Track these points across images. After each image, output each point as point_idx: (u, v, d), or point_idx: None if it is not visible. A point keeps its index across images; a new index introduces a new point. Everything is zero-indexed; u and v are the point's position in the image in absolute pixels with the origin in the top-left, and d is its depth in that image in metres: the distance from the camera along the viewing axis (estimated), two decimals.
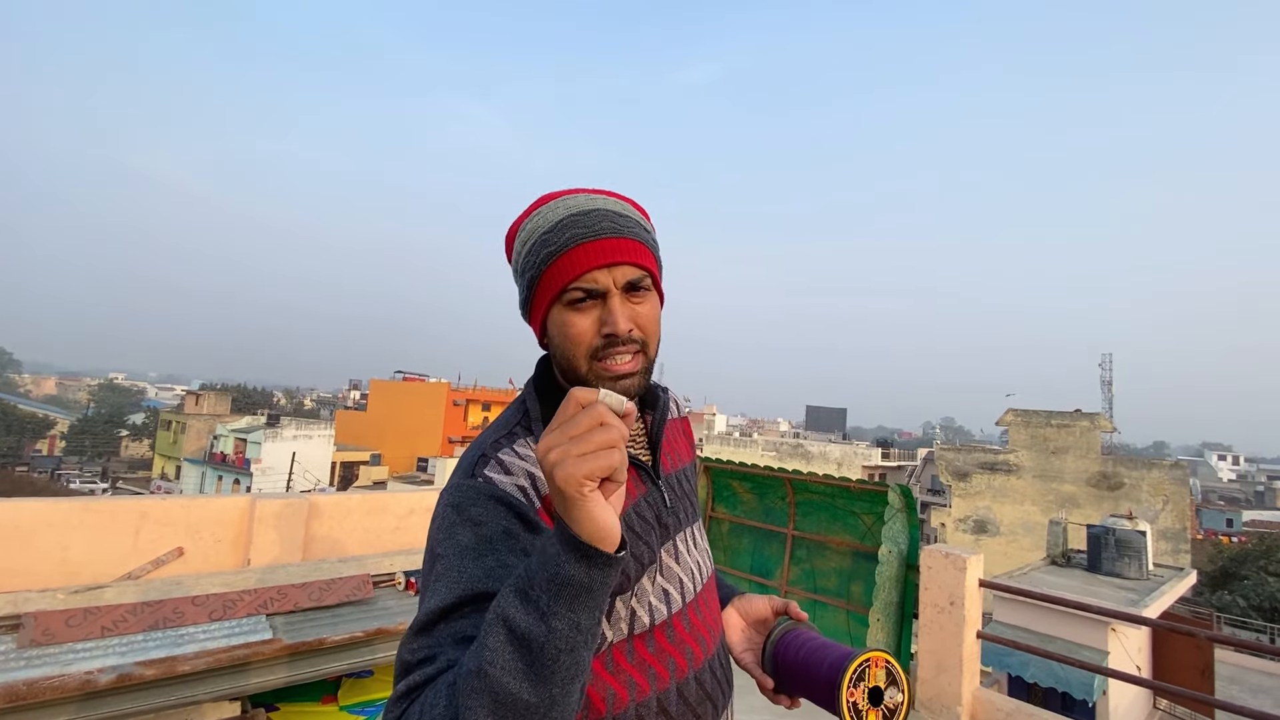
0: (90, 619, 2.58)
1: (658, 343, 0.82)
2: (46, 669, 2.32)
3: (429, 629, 0.65)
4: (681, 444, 0.96)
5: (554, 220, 0.79)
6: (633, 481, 0.81)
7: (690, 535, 0.89)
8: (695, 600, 0.85)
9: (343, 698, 3.05)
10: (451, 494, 0.73)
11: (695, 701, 0.80)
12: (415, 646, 0.64)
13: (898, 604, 3.71)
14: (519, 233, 0.82)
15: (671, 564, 0.83)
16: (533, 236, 0.79)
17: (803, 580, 4.41)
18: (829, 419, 59.34)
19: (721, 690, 0.86)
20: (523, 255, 0.81)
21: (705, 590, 0.87)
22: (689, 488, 0.93)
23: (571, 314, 0.78)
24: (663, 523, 0.83)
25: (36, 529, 3.17)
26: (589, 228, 0.77)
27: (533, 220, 0.80)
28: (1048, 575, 11.12)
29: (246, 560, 3.63)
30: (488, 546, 0.68)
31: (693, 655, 0.81)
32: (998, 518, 20.37)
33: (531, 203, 0.83)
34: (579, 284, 0.77)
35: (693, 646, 0.82)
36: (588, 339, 0.77)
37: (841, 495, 4.32)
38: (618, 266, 0.77)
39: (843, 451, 30.16)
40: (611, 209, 0.80)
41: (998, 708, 3.28)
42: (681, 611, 0.82)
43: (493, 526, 0.69)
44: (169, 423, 40.47)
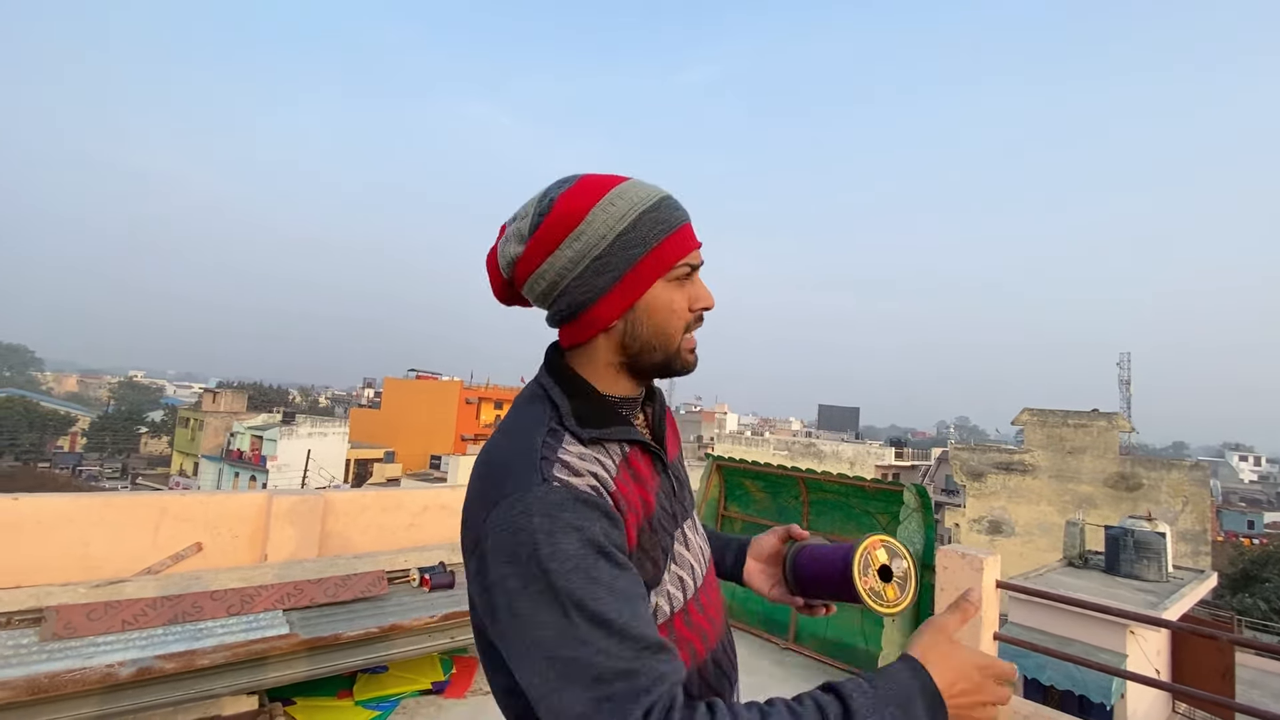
0: (111, 613, 2.62)
1: None
2: (68, 662, 2.35)
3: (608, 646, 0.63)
4: (675, 435, 0.97)
5: (653, 199, 0.79)
6: (650, 470, 0.83)
7: (693, 523, 0.92)
8: (704, 584, 0.87)
9: (358, 693, 3.07)
10: (533, 503, 0.67)
11: (714, 680, 0.82)
12: (612, 663, 0.62)
13: (914, 605, 3.67)
14: (599, 208, 0.77)
15: (684, 551, 0.85)
16: (633, 211, 0.77)
17: None
18: (841, 418, 58.95)
19: (733, 666, 0.88)
20: (621, 230, 0.77)
21: (709, 574, 0.90)
22: (685, 477, 0.95)
23: (674, 290, 0.80)
24: (672, 511, 0.84)
25: (58, 524, 3.22)
26: (682, 209, 0.82)
27: (621, 198, 0.78)
28: (1065, 577, 10.98)
29: (264, 556, 3.67)
30: (596, 552, 0.67)
31: (707, 637, 0.83)
32: (1013, 518, 20.14)
33: (579, 182, 0.79)
34: (689, 260, 0.80)
35: (707, 629, 0.84)
36: (686, 315, 0.82)
37: (856, 495, 4.29)
38: (698, 250, 0.82)
39: (855, 451, 29.95)
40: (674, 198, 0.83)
41: (1015, 710, 3.23)
42: (695, 597, 0.83)
43: (591, 529, 0.67)
44: (187, 420, 41.06)
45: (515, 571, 0.65)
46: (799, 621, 4.32)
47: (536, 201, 0.80)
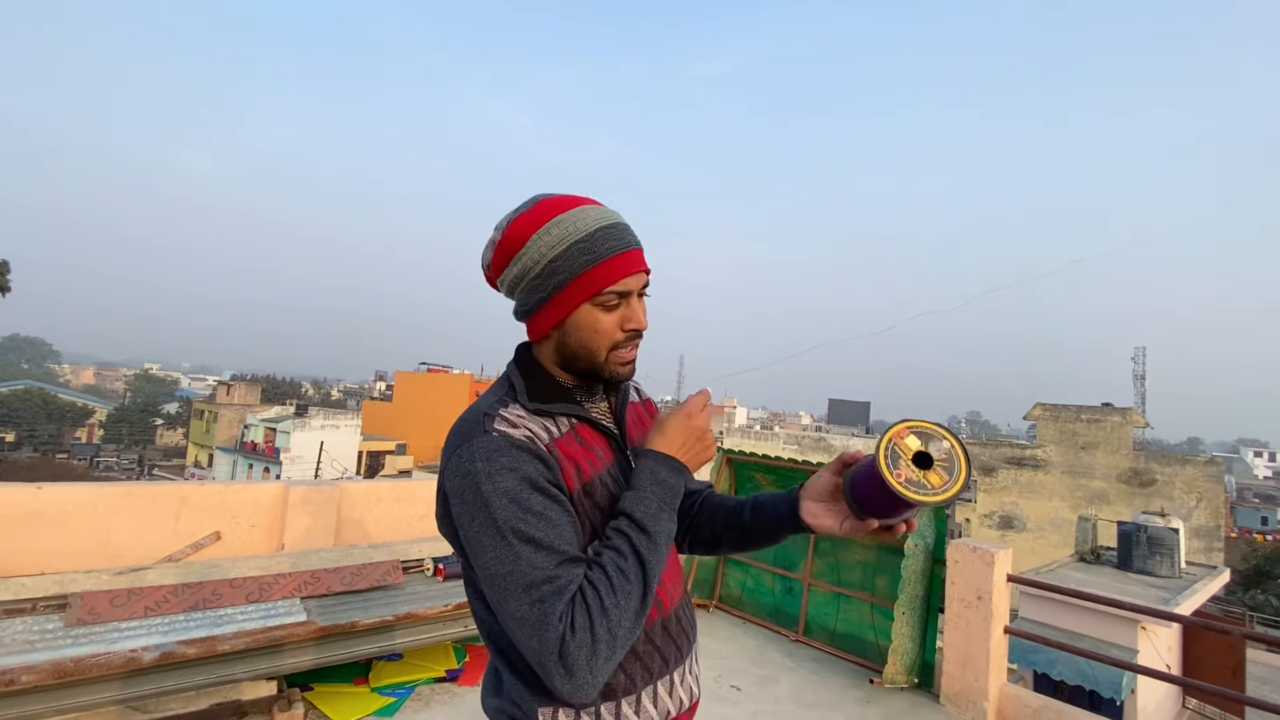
0: (134, 599, 2.67)
1: None
2: (93, 647, 2.41)
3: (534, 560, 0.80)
4: (647, 423, 1.10)
5: (588, 229, 0.90)
6: (605, 448, 0.97)
7: None
8: None
9: (374, 679, 3.12)
10: (476, 449, 0.83)
11: (675, 635, 0.99)
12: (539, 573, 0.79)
13: (923, 598, 3.67)
14: (537, 235, 0.90)
15: None
16: (564, 242, 0.89)
17: (826, 573, 4.39)
18: (852, 413, 58.67)
19: (687, 633, 1.03)
20: (551, 258, 0.89)
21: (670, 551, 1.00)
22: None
23: (601, 313, 0.91)
24: (615, 490, 0.96)
25: (80, 513, 3.29)
26: (619, 240, 0.91)
27: (559, 226, 0.89)
28: (1076, 572, 10.91)
29: (281, 545, 3.72)
30: (530, 487, 0.83)
31: (671, 595, 1.00)
32: (1024, 513, 20.02)
33: (534, 207, 0.92)
34: (614, 289, 0.90)
35: (668, 590, 1.00)
36: (613, 334, 0.93)
37: None
38: (640, 274, 0.93)
39: (866, 445, 29.84)
40: (626, 223, 0.94)
41: (1025, 704, 3.24)
42: None
43: (526, 469, 0.83)
44: (201, 412, 41.54)
45: (466, 509, 0.82)
46: (808, 614, 4.34)
47: (506, 217, 0.94)
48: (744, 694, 3.41)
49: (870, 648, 3.94)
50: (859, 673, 3.79)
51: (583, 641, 0.76)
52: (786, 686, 3.55)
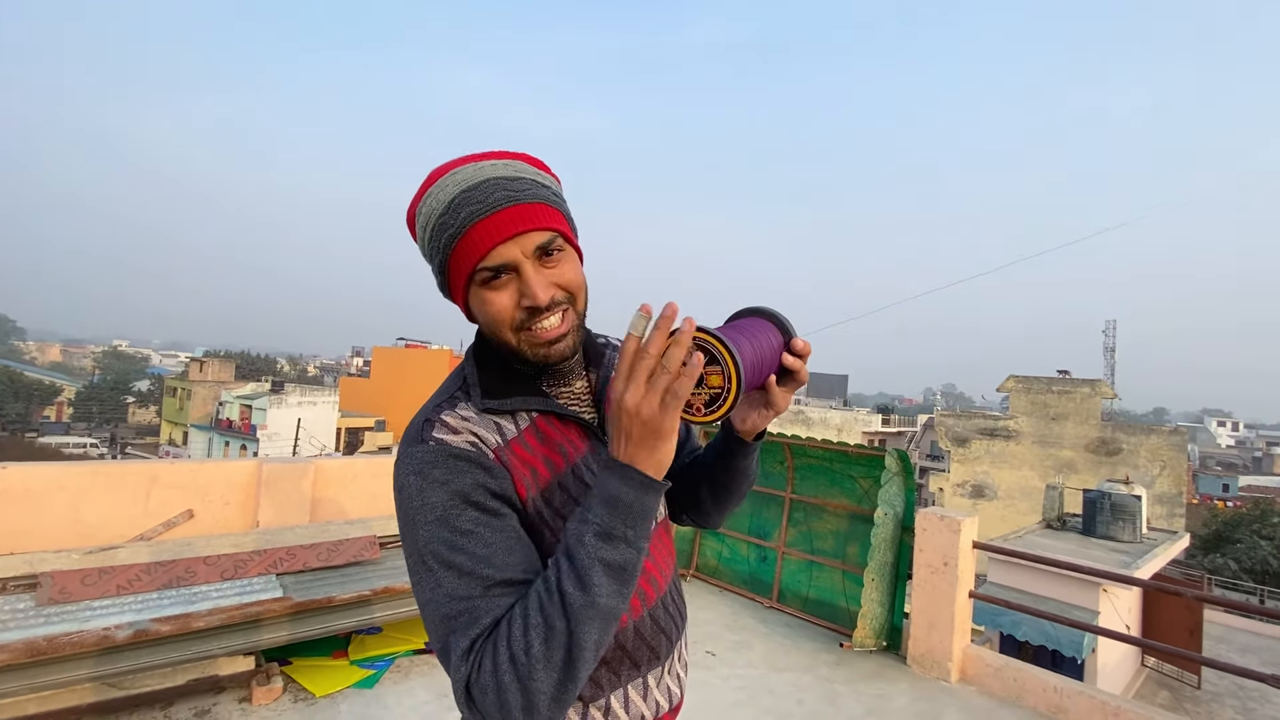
0: (105, 578, 2.66)
1: (586, 296, 0.83)
2: (65, 625, 2.40)
3: (455, 590, 0.70)
4: None
5: (445, 201, 0.75)
6: (578, 438, 0.85)
7: None
8: (652, 543, 0.89)
9: (353, 652, 3.15)
10: (410, 461, 0.74)
11: (664, 624, 0.89)
12: (455, 606, 0.70)
13: (893, 565, 3.79)
14: (416, 217, 0.79)
15: None
16: (430, 221, 0.77)
17: (800, 542, 4.50)
18: (829, 385, 59.46)
19: (675, 619, 0.92)
20: (426, 243, 0.79)
21: (658, 534, 0.92)
22: None
23: (488, 292, 0.77)
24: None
25: (49, 492, 3.24)
26: (482, 203, 0.74)
27: (426, 203, 0.77)
28: (1042, 538, 11.30)
29: (255, 522, 3.71)
30: (461, 503, 0.72)
31: (656, 588, 0.89)
32: (996, 482, 20.60)
33: (423, 181, 0.79)
34: (485, 264, 0.75)
35: (654, 581, 0.88)
36: (509, 314, 0.77)
37: (839, 460, 4.37)
38: (524, 235, 0.75)
39: (843, 418, 30.30)
40: (502, 175, 0.76)
41: (987, 663, 3.38)
42: None
43: (459, 482, 0.73)
44: (174, 389, 40.75)
45: (401, 522, 0.75)
46: (782, 581, 4.45)
47: None
48: (719, 659, 3.52)
49: (841, 613, 4.07)
50: (830, 637, 3.92)
51: (487, 686, 0.66)
52: (760, 651, 3.66)
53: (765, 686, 3.25)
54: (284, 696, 2.77)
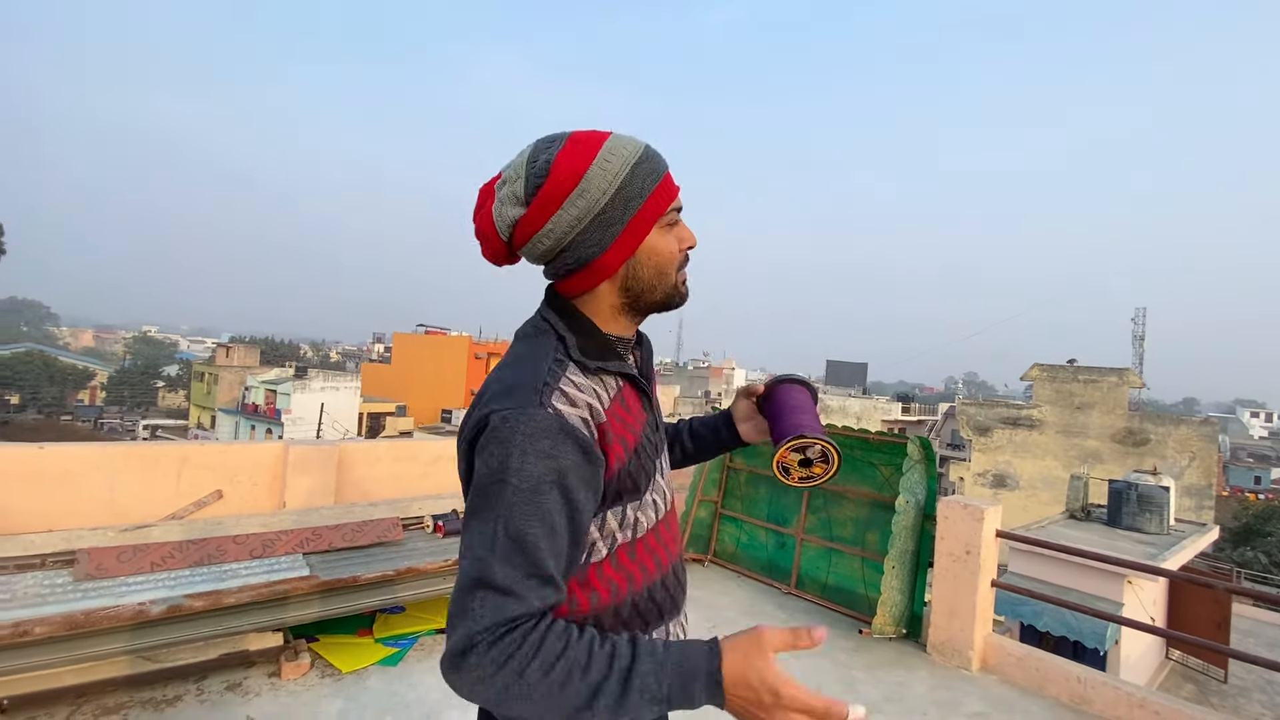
0: (140, 555, 2.73)
1: None
2: (102, 600, 2.47)
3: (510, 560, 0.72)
4: (651, 370, 1.05)
5: (640, 150, 0.84)
6: (638, 405, 0.92)
7: (666, 459, 1.01)
8: (669, 513, 0.97)
9: (377, 631, 3.22)
10: (522, 423, 0.75)
11: (673, 590, 0.94)
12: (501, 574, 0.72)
13: (913, 552, 3.76)
14: (597, 166, 0.82)
15: (659, 480, 0.94)
16: (628, 164, 0.82)
17: (819, 529, 4.48)
18: (849, 374, 58.92)
19: (683, 585, 0.99)
20: (620, 184, 0.82)
21: (672, 506, 0.99)
22: (662, 417, 1.04)
23: (665, 234, 0.87)
24: (655, 443, 0.94)
25: (85, 472, 3.33)
26: (662, 158, 0.86)
27: (615, 152, 0.82)
28: (1066, 529, 11.13)
29: (282, 503, 3.78)
30: (553, 485, 0.75)
31: (669, 555, 0.95)
32: (1018, 472, 20.31)
33: (571, 142, 0.83)
34: (674, 205, 0.87)
35: (669, 547, 0.95)
36: (678, 255, 0.89)
37: (860, 447, 4.33)
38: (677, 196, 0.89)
39: (862, 406, 30.05)
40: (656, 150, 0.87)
41: (1009, 652, 3.35)
42: (663, 520, 0.94)
43: (562, 461, 0.75)
44: (202, 374, 41.68)
45: (487, 472, 0.75)
46: (801, 567, 4.44)
47: (527, 164, 0.83)
48: None
49: (860, 600, 4.06)
50: (849, 624, 3.91)
51: (489, 661, 0.69)
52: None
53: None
54: (311, 672, 2.84)
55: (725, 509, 5.04)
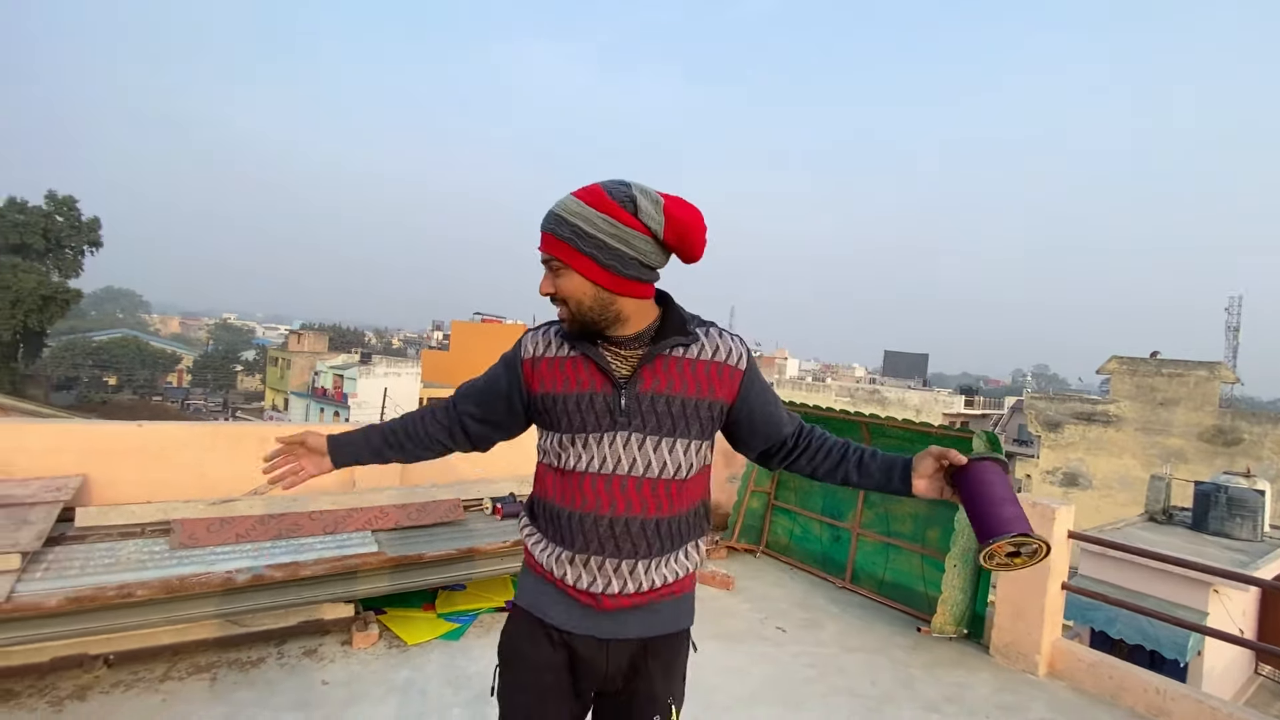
0: (226, 527, 2.94)
1: (578, 301, 1.13)
2: (194, 567, 2.67)
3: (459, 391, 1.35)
4: (689, 380, 1.18)
5: None
6: (590, 377, 1.17)
7: (647, 441, 1.16)
8: (620, 478, 1.16)
9: (440, 606, 3.36)
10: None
11: (580, 533, 1.17)
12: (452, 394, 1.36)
13: (977, 551, 3.63)
14: None
15: (607, 444, 1.16)
16: None
17: (876, 524, 4.38)
18: (909, 365, 56.93)
19: (620, 546, 1.16)
20: None
21: (635, 479, 1.16)
22: (676, 411, 1.17)
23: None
24: (612, 415, 1.15)
25: (178, 449, 3.59)
26: (542, 222, 1.14)
27: None
28: (1144, 532, 10.49)
29: (352, 482, 3.98)
30: (499, 364, 1.30)
31: (590, 506, 1.16)
32: (1091, 471, 19.23)
33: None
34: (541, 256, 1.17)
35: (590, 500, 1.16)
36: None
37: (921, 440, 4.20)
38: (540, 251, 1.15)
39: (922, 398, 29.05)
40: (555, 211, 1.11)
41: (1079, 658, 3.20)
42: (603, 476, 1.16)
43: (506, 357, 1.28)
44: (276, 359, 44.11)
45: None
46: (856, 562, 4.36)
47: None
48: (788, 635, 3.51)
49: (919, 597, 3.95)
50: (906, 621, 3.82)
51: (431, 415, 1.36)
52: (831, 630, 3.62)
53: (836, 665, 3.22)
54: (380, 642, 2.99)
55: (778, 500, 5.00)
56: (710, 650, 3.22)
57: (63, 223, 24.34)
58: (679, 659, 1.28)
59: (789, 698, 2.88)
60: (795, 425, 1.31)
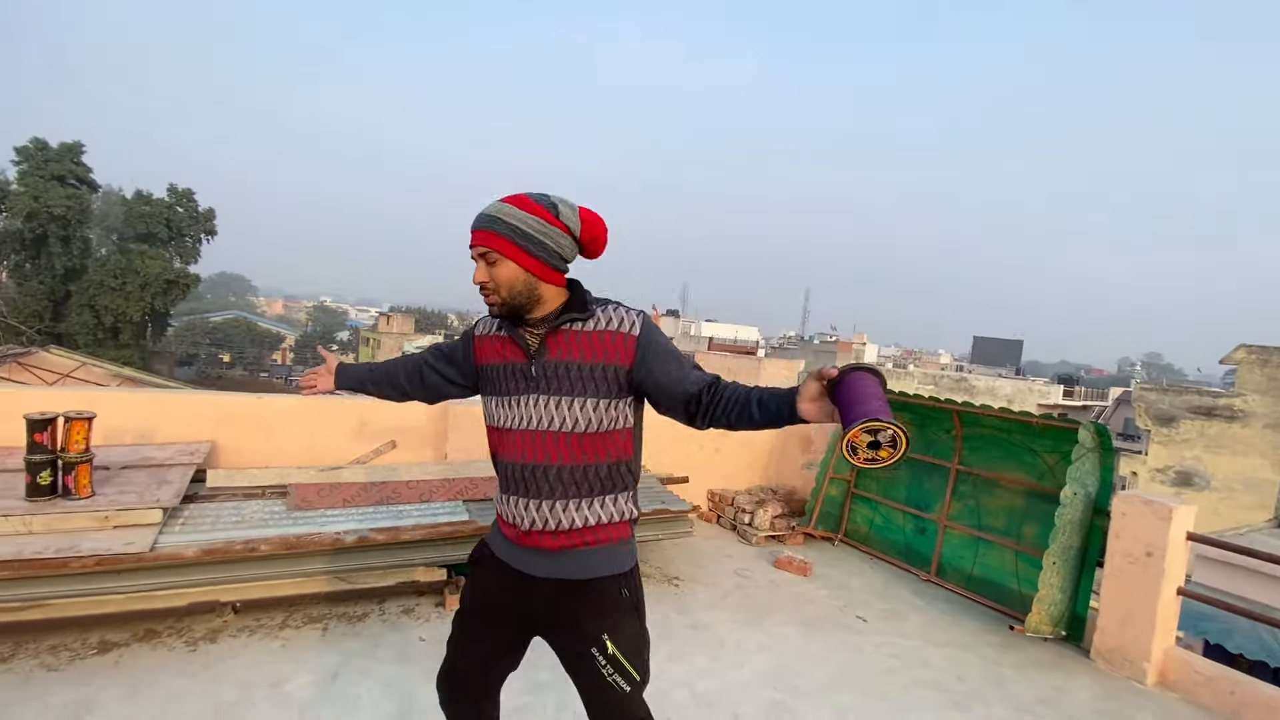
0: (334, 492, 3.17)
1: (510, 285, 1.33)
2: (308, 527, 2.91)
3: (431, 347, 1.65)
4: (587, 348, 1.36)
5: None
6: (511, 351, 1.41)
7: (553, 400, 1.36)
8: (536, 432, 1.37)
9: None
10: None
11: (514, 477, 1.41)
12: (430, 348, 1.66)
13: (1079, 550, 3.40)
14: None
15: (523, 405, 1.38)
16: None
17: (965, 516, 4.19)
18: (1000, 352, 53.47)
19: (512, 481, 1.41)
20: None
21: (547, 433, 1.37)
22: (574, 375, 1.36)
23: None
24: (527, 380, 1.38)
25: (290, 420, 3.91)
26: (472, 225, 1.35)
27: None
28: (1274, 539, 9.49)
29: (445, 455, 4.20)
30: (458, 338, 1.60)
31: (510, 452, 1.41)
32: (1209, 470, 17.50)
33: None
34: (473, 251, 1.36)
35: (508, 449, 1.42)
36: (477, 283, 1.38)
37: (1020, 431, 3.96)
38: (475, 246, 1.34)
39: (1015, 387, 27.29)
40: (486, 211, 1.33)
41: (1196, 670, 2.96)
42: (522, 431, 1.38)
43: (462, 336, 1.59)
44: (367, 340, 46.91)
45: None
46: (943, 555, 4.20)
47: None
48: (870, 625, 3.43)
49: (1011, 595, 3.76)
50: (996, 618, 3.65)
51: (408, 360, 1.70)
52: (915, 623, 3.51)
53: (920, 658, 3.12)
54: None
55: (859, 489, 4.87)
56: (789, 635, 3.20)
57: (182, 213, 26.71)
58: (611, 604, 1.40)
59: (871, 687, 2.83)
60: (704, 383, 1.38)
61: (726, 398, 1.34)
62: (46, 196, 22.25)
